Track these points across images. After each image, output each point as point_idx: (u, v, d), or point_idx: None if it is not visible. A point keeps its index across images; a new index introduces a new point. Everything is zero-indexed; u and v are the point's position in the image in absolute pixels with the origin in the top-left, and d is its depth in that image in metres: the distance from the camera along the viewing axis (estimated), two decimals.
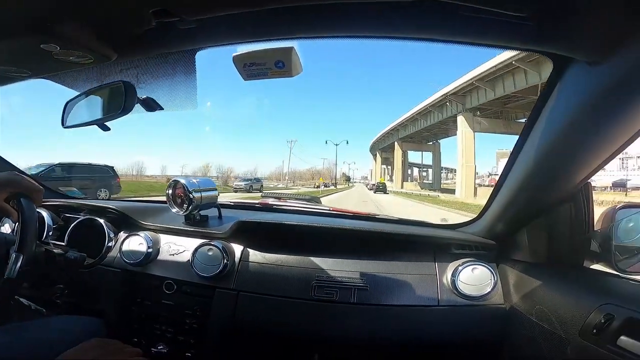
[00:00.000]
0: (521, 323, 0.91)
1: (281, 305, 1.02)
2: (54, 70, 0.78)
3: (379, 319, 1.00)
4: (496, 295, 1.01)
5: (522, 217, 0.98)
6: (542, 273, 0.94)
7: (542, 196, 0.89)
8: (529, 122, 0.78)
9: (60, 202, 1.35)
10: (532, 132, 0.78)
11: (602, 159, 0.72)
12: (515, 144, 0.85)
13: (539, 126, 0.76)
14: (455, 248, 1.09)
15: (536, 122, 0.76)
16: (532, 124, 0.77)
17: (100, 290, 1.16)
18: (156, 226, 1.20)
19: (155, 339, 1.09)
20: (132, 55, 0.73)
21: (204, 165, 51.25)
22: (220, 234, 1.14)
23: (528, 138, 0.80)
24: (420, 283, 1.03)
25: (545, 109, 0.72)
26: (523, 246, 1.01)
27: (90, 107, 0.87)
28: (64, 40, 0.61)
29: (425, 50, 27.33)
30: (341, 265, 1.06)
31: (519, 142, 0.83)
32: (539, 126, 0.76)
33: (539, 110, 0.74)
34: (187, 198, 1.13)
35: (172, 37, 0.64)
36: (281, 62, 0.66)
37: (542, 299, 0.87)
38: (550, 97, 0.70)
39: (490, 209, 1.08)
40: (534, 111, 0.75)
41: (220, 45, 0.67)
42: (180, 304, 1.08)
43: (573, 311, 0.76)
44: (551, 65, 0.66)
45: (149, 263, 1.13)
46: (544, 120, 0.74)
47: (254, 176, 36.58)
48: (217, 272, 1.04)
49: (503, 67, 18.86)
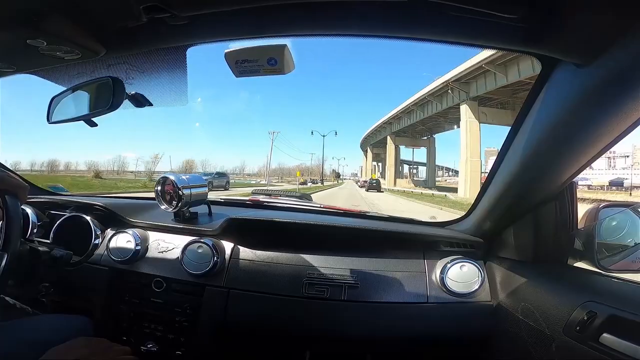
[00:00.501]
0: (508, 320, 0.93)
1: (272, 303, 1.02)
2: (41, 66, 0.76)
3: (369, 315, 1.01)
4: (483, 293, 1.03)
5: (508, 215, 1.00)
6: (527, 270, 0.95)
7: (529, 195, 0.90)
8: (517, 121, 0.79)
9: (45, 198, 1.32)
10: (520, 131, 0.79)
11: (588, 158, 0.73)
12: (504, 143, 0.86)
13: (526, 125, 0.77)
14: (443, 245, 1.11)
15: (524, 122, 0.77)
16: (520, 123, 0.78)
17: (87, 288, 1.14)
18: (145, 223, 1.19)
19: (145, 338, 1.08)
20: (122, 51, 0.72)
21: (154, 155, 49.46)
22: (210, 231, 1.13)
23: (516, 137, 0.81)
24: (410, 280, 1.05)
25: (534, 109, 0.74)
26: (509, 244, 1.03)
27: (77, 102, 0.85)
28: (52, 35, 0.59)
29: (420, 45, 27.18)
30: (332, 262, 1.07)
31: (507, 141, 0.84)
32: (526, 125, 0.77)
33: (527, 109, 0.75)
34: (177, 195, 1.12)
35: (163, 33, 0.63)
36: (274, 60, 0.66)
37: (528, 296, 0.88)
38: (539, 97, 0.71)
39: (478, 207, 1.09)
40: (522, 110, 0.76)
41: (212, 41, 0.66)
42: (170, 302, 1.07)
43: (557, 308, 0.78)
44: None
45: (138, 261, 1.11)
46: (531, 119, 0.75)
47: (215, 170, 30.48)
48: (207, 270, 1.04)
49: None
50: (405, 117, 37.33)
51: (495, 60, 18.57)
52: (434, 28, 0.55)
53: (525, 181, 0.86)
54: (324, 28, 0.60)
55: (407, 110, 34.77)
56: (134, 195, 1.74)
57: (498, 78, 20.10)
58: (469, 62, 20.75)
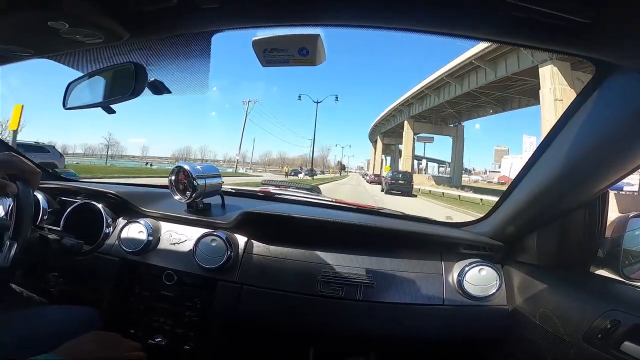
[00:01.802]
0: (523, 324, 0.92)
1: (286, 300, 1.00)
2: (59, 50, 0.73)
3: (383, 316, 0.99)
4: (500, 296, 1.02)
5: (535, 221, 0.97)
6: (548, 276, 0.94)
7: (561, 202, 0.88)
8: (556, 127, 0.76)
9: (56, 184, 1.30)
10: (559, 136, 0.77)
11: (628, 170, 0.71)
12: (538, 147, 0.83)
13: (568, 132, 0.74)
14: (463, 248, 1.09)
15: (564, 127, 0.75)
16: (560, 128, 0.75)
17: (97, 278, 1.12)
18: (157, 213, 1.16)
19: (153, 331, 1.06)
20: (145, 35, 0.68)
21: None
22: (224, 224, 1.10)
23: (553, 142, 0.79)
24: (426, 281, 1.03)
25: (579, 115, 0.71)
26: (531, 249, 1.01)
27: (95, 88, 0.82)
28: (74, 17, 0.56)
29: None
30: (347, 260, 1.05)
31: (542, 146, 0.82)
32: (568, 132, 0.74)
33: (569, 115, 0.72)
34: (191, 185, 1.09)
35: (191, 16, 0.59)
36: (306, 50, 0.63)
37: (547, 302, 0.87)
38: (586, 104, 0.68)
39: (499, 210, 1.07)
40: (564, 116, 0.73)
41: (241, 28, 0.63)
42: (181, 295, 1.05)
43: (578, 315, 0.77)
44: None
45: (149, 252, 1.09)
46: (575, 126, 0.72)
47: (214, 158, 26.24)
48: (221, 264, 1.01)
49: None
50: (432, 96, 28.70)
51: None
52: (494, 28, 0.51)
53: (560, 188, 0.83)
54: (365, 19, 0.56)
55: (435, 86, 26.37)
56: (144, 182, 1.71)
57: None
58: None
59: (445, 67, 22.85)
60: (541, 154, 0.83)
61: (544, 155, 0.83)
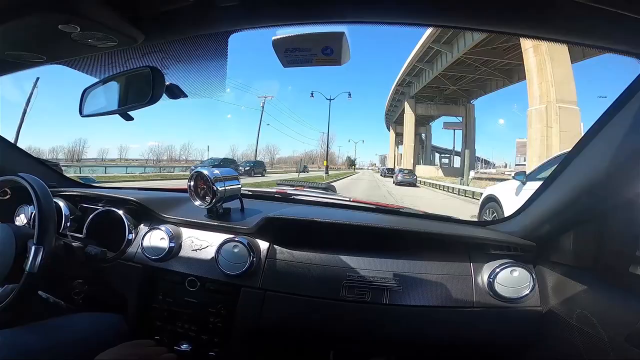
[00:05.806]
0: (558, 326, 0.89)
1: (310, 306, 0.98)
2: (72, 55, 0.70)
3: (411, 320, 0.96)
4: (533, 298, 0.98)
5: (573, 220, 0.92)
6: (586, 277, 0.90)
7: (605, 200, 0.83)
8: (601, 120, 0.71)
9: (76, 191, 1.30)
10: (604, 131, 0.71)
11: None
12: (579, 142, 0.78)
13: (615, 126, 0.69)
14: (492, 249, 1.04)
15: (611, 121, 0.69)
16: (604, 123, 0.70)
17: (120, 285, 1.12)
18: (177, 219, 1.15)
19: (178, 338, 1.05)
20: (161, 37, 0.65)
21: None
22: (245, 229, 1.08)
23: (596, 137, 0.73)
24: (455, 283, 0.99)
25: (630, 107, 0.65)
26: (566, 249, 0.97)
27: (110, 95, 0.80)
28: (86, 20, 0.53)
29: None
30: (372, 264, 1.01)
31: (584, 140, 0.77)
32: (615, 126, 0.69)
33: (618, 107, 0.67)
34: (210, 190, 1.07)
35: (208, 16, 0.56)
36: (330, 49, 0.59)
37: (585, 303, 0.84)
38: (638, 95, 0.63)
39: (532, 208, 1.02)
40: (612, 108, 0.68)
41: (262, 27, 0.60)
42: (204, 302, 1.04)
43: (621, 317, 0.75)
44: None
45: (171, 259, 1.08)
46: (625, 120, 0.66)
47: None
48: (244, 270, 0.99)
49: None
50: (426, 70, 25.44)
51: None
52: (550, 23, 0.47)
53: (604, 186, 0.78)
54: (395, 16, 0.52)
55: (427, 56, 22.81)
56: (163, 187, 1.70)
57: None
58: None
59: (427, 31, 19.78)
60: (580, 150, 0.78)
61: (586, 150, 0.78)
